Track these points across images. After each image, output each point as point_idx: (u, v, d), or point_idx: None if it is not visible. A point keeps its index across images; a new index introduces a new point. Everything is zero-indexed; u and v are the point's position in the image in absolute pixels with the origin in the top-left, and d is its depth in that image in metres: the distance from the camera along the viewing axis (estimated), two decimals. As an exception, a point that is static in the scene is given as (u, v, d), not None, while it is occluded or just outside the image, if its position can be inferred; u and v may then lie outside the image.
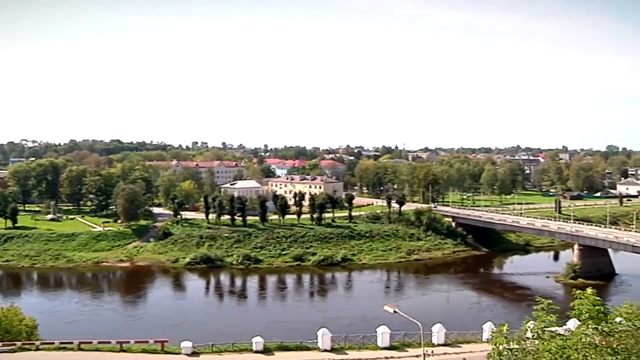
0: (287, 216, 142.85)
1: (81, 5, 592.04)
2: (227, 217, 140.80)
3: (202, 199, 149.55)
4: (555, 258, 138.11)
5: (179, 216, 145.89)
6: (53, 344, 51.86)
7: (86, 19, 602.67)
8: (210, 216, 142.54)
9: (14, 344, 50.20)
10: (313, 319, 79.48)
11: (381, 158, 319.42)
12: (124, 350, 51.61)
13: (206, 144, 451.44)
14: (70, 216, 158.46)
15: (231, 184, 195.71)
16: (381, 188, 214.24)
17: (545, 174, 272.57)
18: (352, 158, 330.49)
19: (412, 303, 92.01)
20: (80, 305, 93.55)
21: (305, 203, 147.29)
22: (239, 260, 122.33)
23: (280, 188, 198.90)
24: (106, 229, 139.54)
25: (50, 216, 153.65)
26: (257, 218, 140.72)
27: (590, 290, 18.91)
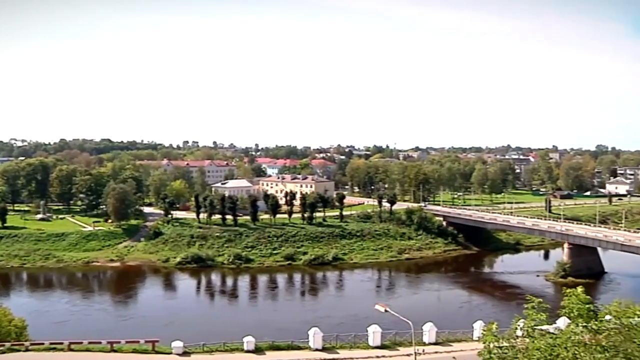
0: (278, 215, 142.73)
1: (67, 4, 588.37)
2: (218, 217, 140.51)
3: (193, 199, 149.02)
4: (546, 257, 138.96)
5: (169, 216, 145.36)
6: (43, 344, 51.65)
7: (73, 19, 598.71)
8: (201, 216, 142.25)
9: (3, 345, 49.93)
10: (304, 318, 79.43)
11: (372, 157, 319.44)
12: (114, 351, 51.48)
13: (197, 143, 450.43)
14: (60, 216, 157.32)
15: (222, 184, 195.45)
16: (372, 187, 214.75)
17: (536, 173, 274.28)
18: (343, 157, 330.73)
19: (403, 302, 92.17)
20: (70, 306, 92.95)
21: (297, 202, 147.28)
22: (230, 260, 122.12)
23: (272, 187, 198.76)
24: (96, 228, 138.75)
25: (40, 216, 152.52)
26: (248, 217, 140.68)
27: (580, 289, 19.09)
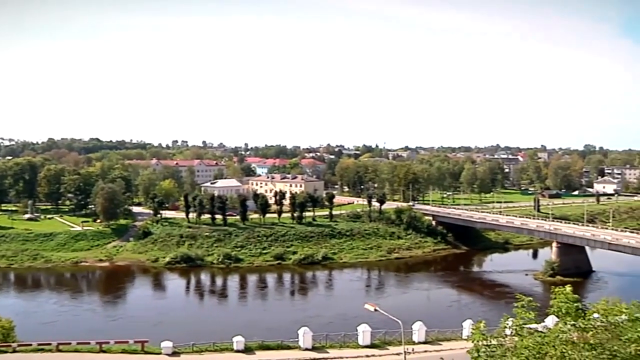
0: (268, 215, 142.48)
1: (56, 3, 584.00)
2: (208, 216, 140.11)
3: (182, 198, 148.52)
4: (534, 256, 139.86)
5: (159, 215, 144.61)
6: (31, 345, 51.32)
7: (61, 18, 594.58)
8: (190, 215, 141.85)
9: (-9, 346, 49.53)
10: (294, 317, 79.30)
11: (362, 157, 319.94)
12: (103, 351, 51.26)
13: (186, 142, 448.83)
14: (48, 216, 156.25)
15: (211, 183, 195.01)
16: (362, 187, 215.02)
17: (524, 173, 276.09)
18: (333, 157, 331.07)
19: (393, 301, 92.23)
20: (58, 306, 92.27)
21: (286, 202, 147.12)
22: (220, 260, 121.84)
23: (261, 187, 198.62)
24: (85, 228, 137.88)
25: (27, 216, 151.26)
26: (238, 217, 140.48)
27: (568, 288, 19.23)
